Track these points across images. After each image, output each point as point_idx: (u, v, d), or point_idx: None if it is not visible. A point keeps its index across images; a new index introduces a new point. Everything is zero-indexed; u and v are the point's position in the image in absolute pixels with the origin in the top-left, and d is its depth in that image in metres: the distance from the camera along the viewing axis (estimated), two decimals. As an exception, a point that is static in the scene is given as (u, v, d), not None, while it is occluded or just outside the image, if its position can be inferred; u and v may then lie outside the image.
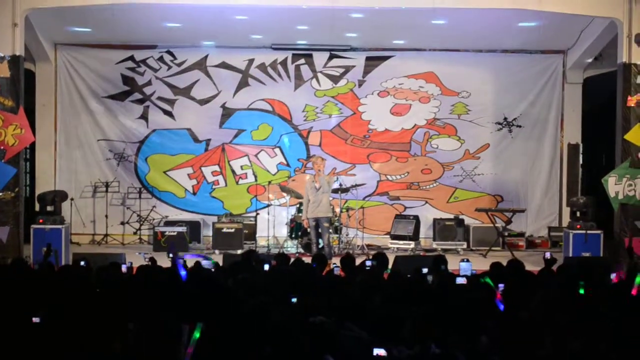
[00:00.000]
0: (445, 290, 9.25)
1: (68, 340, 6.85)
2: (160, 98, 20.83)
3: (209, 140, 21.00)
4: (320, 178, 16.59)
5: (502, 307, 8.17)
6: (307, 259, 12.42)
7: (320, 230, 16.71)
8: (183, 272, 10.02)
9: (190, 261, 11.71)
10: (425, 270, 10.55)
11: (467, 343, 6.98)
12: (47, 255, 12.04)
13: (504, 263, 10.83)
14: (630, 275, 10.66)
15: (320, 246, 16.77)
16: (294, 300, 8.42)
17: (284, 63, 20.92)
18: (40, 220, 16.95)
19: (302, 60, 20.93)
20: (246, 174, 21.04)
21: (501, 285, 8.85)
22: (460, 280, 9.51)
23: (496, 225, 19.65)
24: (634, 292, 9.15)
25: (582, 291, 8.91)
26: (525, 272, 10.59)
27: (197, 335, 6.60)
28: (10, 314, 7.37)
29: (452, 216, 20.37)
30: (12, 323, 7.03)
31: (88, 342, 6.83)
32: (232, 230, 19.02)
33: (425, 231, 20.42)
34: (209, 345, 6.94)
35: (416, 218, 19.88)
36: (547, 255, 10.09)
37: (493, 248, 19.08)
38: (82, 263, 11.40)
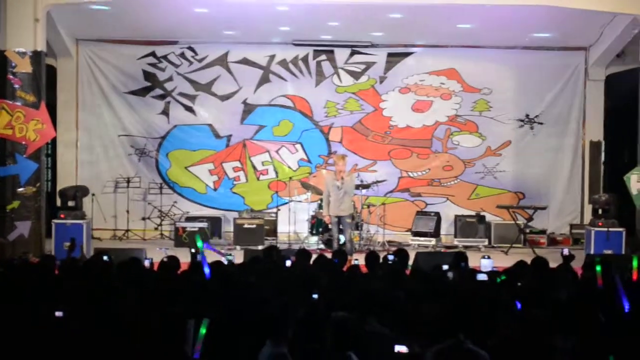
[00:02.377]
0: (464, 287, 9.25)
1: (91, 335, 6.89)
2: (181, 94, 20.87)
3: (230, 136, 21.02)
4: (345, 181, 16.35)
5: (519, 305, 8.15)
6: (328, 255, 12.41)
7: (342, 227, 16.68)
8: (207, 270, 10.02)
9: (209, 255, 11.70)
10: (445, 267, 10.54)
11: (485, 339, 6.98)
12: (71, 250, 12.07)
13: (526, 260, 10.79)
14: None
15: (341, 242, 16.75)
16: (315, 296, 8.41)
17: (305, 59, 20.91)
18: (62, 215, 17.05)
19: (324, 57, 20.91)
20: (267, 170, 21.06)
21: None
22: (481, 277, 9.49)
23: (517, 222, 19.59)
24: (634, 276, 9.11)
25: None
26: (549, 269, 10.56)
27: (203, 330, 6.61)
28: (34, 309, 7.40)
29: (473, 213, 20.34)
30: (36, 317, 7.05)
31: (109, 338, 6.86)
32: (253, 226, 19.02)
33: (446, 228, 20.42)
34: (228, 340, 6.96)
35: (437, 215, 19.84)
36: (565, 251, 10.07)
37: (514, 245, 19.00)
38: (105, 258, 11.43)
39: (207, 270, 9.98)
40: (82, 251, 13.45)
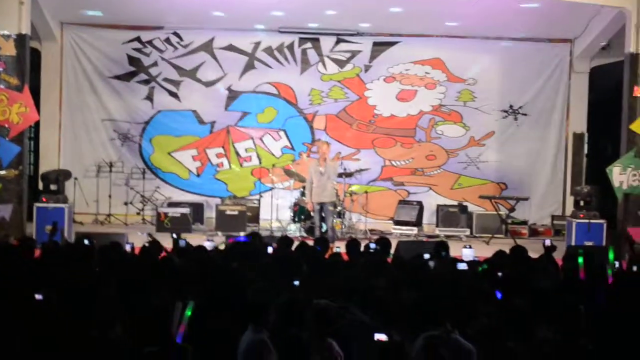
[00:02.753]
0: (445, 276, 9.28)
1: (70, 318, 6.87)
2: (165, 79, 20.82)
3: (214, 122, 20.99)
4: (326, 164, 16.51)
5: (499, 295, 8.18)
6: (310, 243, 12.42)
7: (324, 214, 16.70)
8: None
9: (193, 241, 11.72)
10: (427, 256, 10.57)
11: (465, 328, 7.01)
12: (53, 233, 12.05)
13: (507, 250, 10.84)
14: (631, 264, 10.69)
15: (323, 230, 16.77)
16: (297, 283, 8.43)
17: (290, 47, 20.90)
18: (44, 199, 17.00)
19: (309, 44, 20.90)
20: (250, 156, 21.06)
21: None
22: (462, 266, 9.53)
23: (499, 212, 19.63)
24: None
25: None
26: (528, 258, 10.60)
27: (189, 313, 6.62)
28: (14, 292, 7.38)
29: (455, 203, 20.39)
30: (16, 300, 7.04)
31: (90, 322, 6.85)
32: (236, 212, 19.01)
33: (428, 217, 20.44)
34: (209, 325, 6.97)
35: (420, 204, 19.88)
36: (547, 242, 10.12)
37: (496, 235, 19.03)
38: (86, 241, 11.41)
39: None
40: (62, 235, 13.40)
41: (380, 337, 6.31)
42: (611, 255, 9.67)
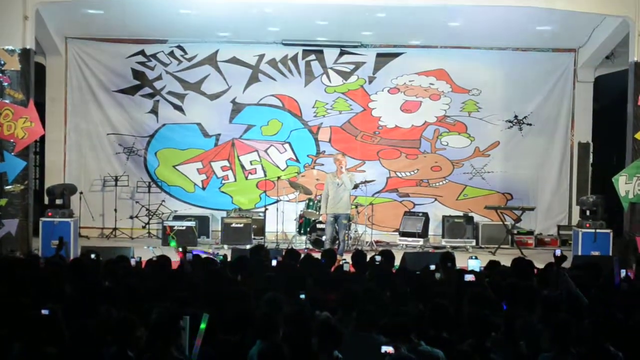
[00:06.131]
0: (451, 287, 9.29)
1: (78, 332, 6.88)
2: (170, 92, 20.84)
3: (219, 135, 20.99)
4: (343, 175, 16.55)
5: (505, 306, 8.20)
6: (316, 255, 12.43)
7: (337, 226, 16.71)
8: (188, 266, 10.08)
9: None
10: (432, 267, 10.57)
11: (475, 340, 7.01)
12: (60, 248, 12.05)
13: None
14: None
15: (340, 239, 16.80)
16: (303, 296, 8.43)
17: (294, 59, 20.90)
18: (49, 214, 17.00)
19: (313, 56, 20.90)
20: (255, 169, 21.05)
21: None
22: (468, 277, 9.51)
23: (505, 223, 19.62)
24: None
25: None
26: (531, 271, 10.59)
27: (203, 326, 6.62)
28: (20, 307, 7.38)
29: (461, 213, 20.37)
30: (23, 315, 7.03)
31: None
32: (241, 225, 19.03)
33: (434, 228, 20.40)
34: (216, 338, 6.97)
35: (425, 215, 19.86)
36: (557, 252, 10.07)
37: (502, 246, 19.02)
38: (92, 256, 11.42)
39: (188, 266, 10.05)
40: (65, 251, 13.38)
41: (388, 349, 6.31)
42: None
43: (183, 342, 6.64)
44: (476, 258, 11.57)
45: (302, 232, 19.08)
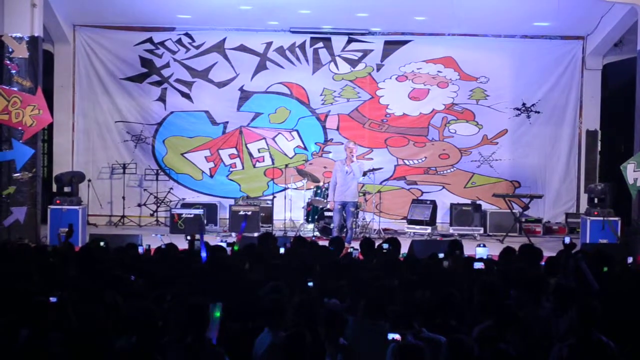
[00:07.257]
0: (460, 275, 9.30)
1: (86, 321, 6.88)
2: (178, 80, 20.83)
3: (227, 123, 21.00)
4: (352, 163, 16.54)
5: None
6: (323, 243, 12.44)
7: (345, 214, 16.72)
8: (203, 254, 10.05)
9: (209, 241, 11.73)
10: (441, 255, 10.58)
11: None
12: (69, 235, 12.08)
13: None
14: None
15: (348, 226, 16.81)
16: (311, 284, 8.43)
17: (302, 46, 20.88)
18: (58, 201, 17.04)
19: (321, 44, 20.88)
20: (263, 157, 21.04)
21: None
22: (478, 265, 9.52)
23: (513, 211, 19.60)
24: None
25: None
26: (539, 256, 10.59)
27: (217, 314, 6.64)
28: (28, 294, 7.39)
29: (469, 201, 20.32)
30: (31, 302, 7.05)
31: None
32: (249, 213, 19.03)
33: (442, 216, 20.38)
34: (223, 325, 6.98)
35: (433, 203, 19.83)
36: (567, 240, 10.07)
37: (510, 234, 19.02)
38: (102, 244, 11.43)
39: (204, 254, 10.03)
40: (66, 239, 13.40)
41: (395, 336, 6.31)
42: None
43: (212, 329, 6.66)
44: (484, 246, 11.58)
45: (309, 220, 19.08)
